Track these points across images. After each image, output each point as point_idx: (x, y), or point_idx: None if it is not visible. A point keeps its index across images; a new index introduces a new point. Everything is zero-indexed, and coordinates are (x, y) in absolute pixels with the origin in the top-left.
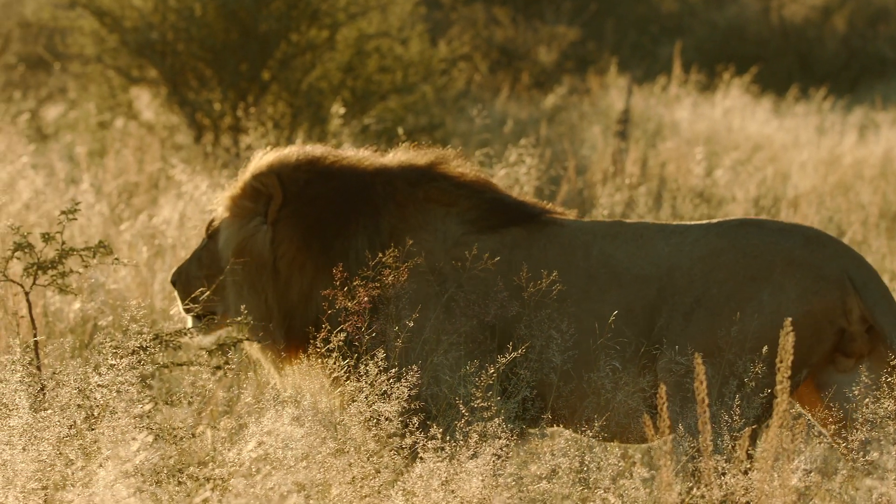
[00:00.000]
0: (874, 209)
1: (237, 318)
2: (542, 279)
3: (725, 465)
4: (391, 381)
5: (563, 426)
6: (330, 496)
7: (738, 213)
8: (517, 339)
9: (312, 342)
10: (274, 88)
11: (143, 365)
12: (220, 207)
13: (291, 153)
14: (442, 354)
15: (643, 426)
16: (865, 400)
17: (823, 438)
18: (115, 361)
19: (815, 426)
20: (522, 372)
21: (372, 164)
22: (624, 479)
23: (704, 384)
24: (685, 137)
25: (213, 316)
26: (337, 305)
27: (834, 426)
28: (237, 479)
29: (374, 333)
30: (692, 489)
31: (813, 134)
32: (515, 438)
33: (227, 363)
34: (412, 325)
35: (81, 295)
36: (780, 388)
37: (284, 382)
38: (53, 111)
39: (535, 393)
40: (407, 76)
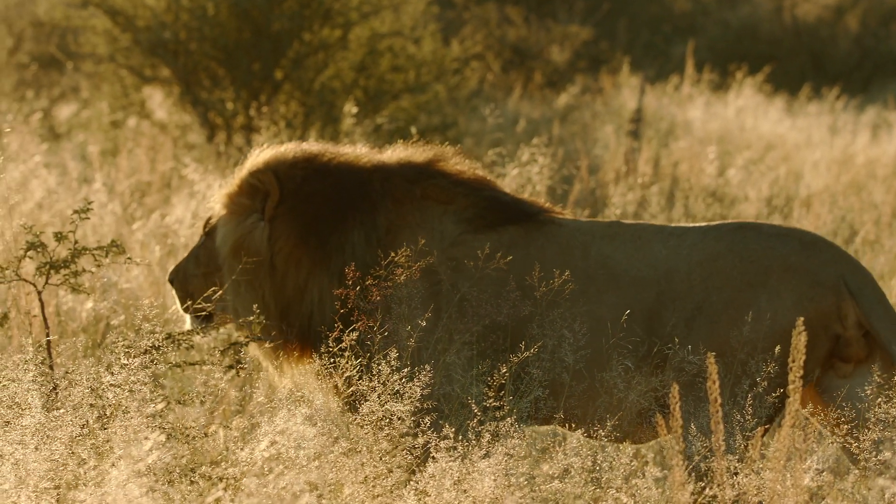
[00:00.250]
0: (887, 208)
1: (246, 317)
2: (541, 280)
3: (738, 464)
4: (403, 380)
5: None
6: (342, 496)
7: (750, 212)
8: (512, 339)
9: (316, 343)
10: (286, 88)
11: (155, 364)
12: (216, 205)
13: (288, 150)
14: (452, 354)
15: (640, 429)
16: (878, 399)
17: (836, 439)
18: (127, 361)
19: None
20: (535, 371)
21: (370, 160)
22: (636, 478)
23: (717, 383)
24: (698, 137)
25: (212, 314)
26: (349, 305)
27: (840, 430)
28: (249, 478)
29: (386, 333)
30: (705, 489)
31: (825, 133)
32: (527, 438)
33: (239, 362)
34: (407, 326)
35: (94, 294)
36: (791, 387)
37: (284, 380)
38: (66, 110)
39: (545, 393)
40: (419, 75)
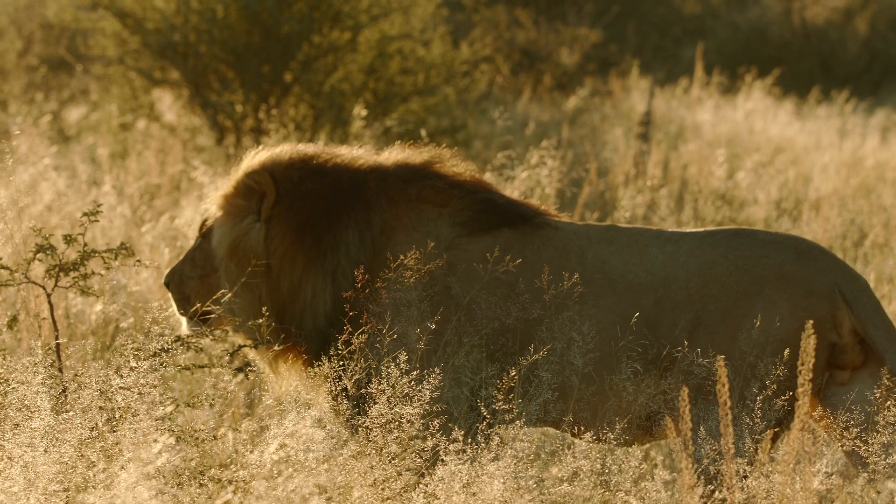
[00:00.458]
0: None
1: (244, 318)
2: (540, 282)
3: (747, 468)
4: (411, 383)
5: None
6: (351, 498)
7: (759, 215)
8: (514, 344)
9: (309, 345)
10: (296, 90)
11: (164, 367)
12: (212, 206)
13: (284, 151)
14: (462, 357)
15: (640, 432)
16: (887, 403)
17: (840, 445)
18: (136, 363)
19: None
20: (544, 374)
21: (366, 161)
22: (645, 481)
23: (727, 386)
24: (707, 140)
25: (209, 317)
26: (346, 307)
27: (847, 435)
28: (259, 481)
29: (394, 335)
30: (714, 492)
31: (835, 136)
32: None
33: (248, 365)
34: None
35: (103, 297)
36: (801, 390)
37: (281, 382)
38: (75, 113)
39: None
40: (429, 78)
